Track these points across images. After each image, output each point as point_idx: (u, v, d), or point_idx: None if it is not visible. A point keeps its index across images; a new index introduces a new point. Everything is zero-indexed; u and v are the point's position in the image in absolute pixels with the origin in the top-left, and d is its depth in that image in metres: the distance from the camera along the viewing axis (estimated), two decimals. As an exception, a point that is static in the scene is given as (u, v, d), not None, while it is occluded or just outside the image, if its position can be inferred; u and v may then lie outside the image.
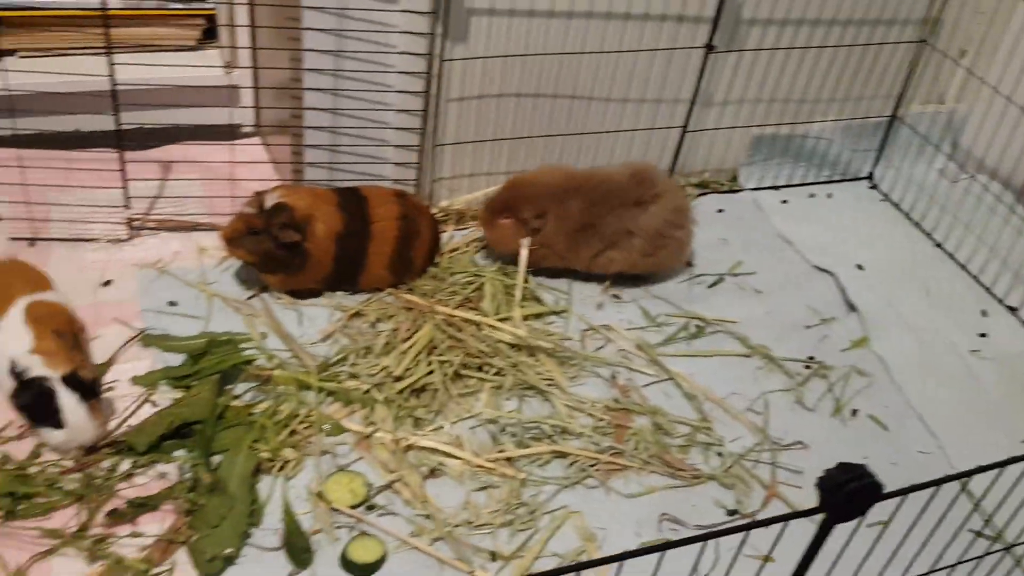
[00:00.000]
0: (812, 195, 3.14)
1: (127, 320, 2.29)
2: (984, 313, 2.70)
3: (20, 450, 1.95)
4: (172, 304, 2.36)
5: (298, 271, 2.36)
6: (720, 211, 2.97)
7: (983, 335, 2.62)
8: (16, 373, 1.88)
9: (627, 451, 2.13)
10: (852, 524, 1.13)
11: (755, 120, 3.01)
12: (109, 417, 2.02)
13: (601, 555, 1.90)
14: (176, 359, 2.19)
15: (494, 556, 1.88)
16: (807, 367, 2.43)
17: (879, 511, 1.31)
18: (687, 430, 2.21)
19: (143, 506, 1.85)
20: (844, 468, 1.04)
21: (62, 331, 1.98)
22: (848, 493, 1.03)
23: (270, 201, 2.30)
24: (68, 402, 1.86)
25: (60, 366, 1.88)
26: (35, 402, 1.85)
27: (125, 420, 2.04)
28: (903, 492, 1.14)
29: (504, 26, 2.49)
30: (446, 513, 1.95)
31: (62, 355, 1.91)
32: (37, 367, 1.87)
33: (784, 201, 3.07)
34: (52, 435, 1.88)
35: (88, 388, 1.89)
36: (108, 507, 1.85)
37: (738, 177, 3.10)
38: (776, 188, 3.12)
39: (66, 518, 1.83)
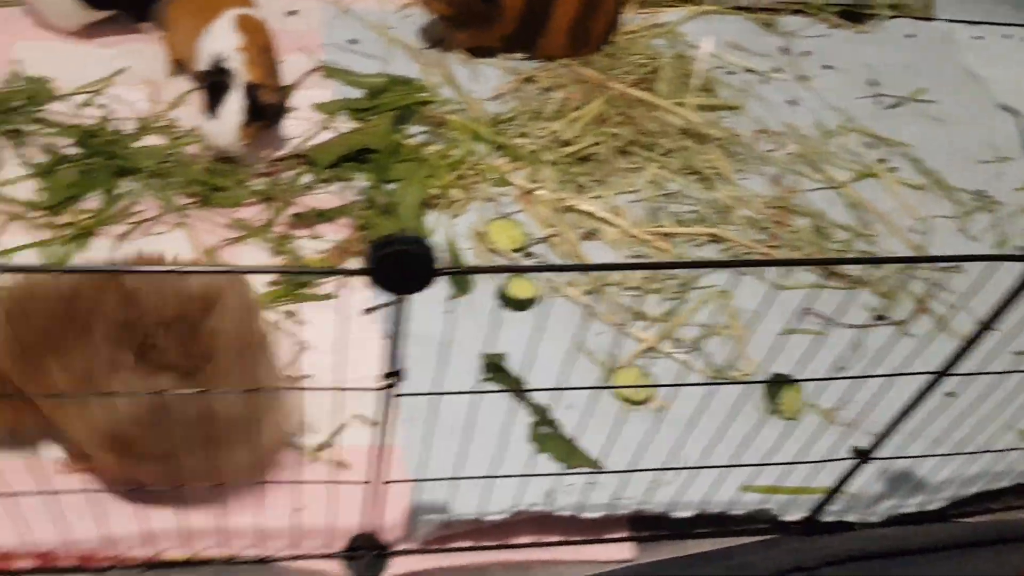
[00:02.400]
0: (1008, 36, 2.97)
1: (310, 51, 2.35)
2: None
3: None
4: (353, 42, 2.41)
5: (489, 25, 2.36)
6: (909, 36, 2.85)
7: None
8: (215, 63, 1.95)
9: (784, 244, 2.14)
10: None
11: (964, -56, 2.84)
12: (277, 144, 2.09)
13: (745, 335, 1.94)
14: (356, 93, 2.25)
15: (639, 316, 1.94)
16: (975, 200, 2.38)
17: None
18: (846, 236, 2.20)
19: (322, 216, 1.95)
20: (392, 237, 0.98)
21: (265, 48, 2.03)
22: (393, 257, 0.97)
23: (466, -48, 2.28)
24: (233, 104, 1.91)
25: (253, 74, 1.94)
26: (212, 83, 1.93)
27: (306, 140, 2.13)
28: (458, 271, 0.98)
29: None
30: (598, 271, 2.01)
31: (260, 67, 1.97)
32: (235, 63, 1.93)
33: (978, 37, 2.92)
34: (202, 122, 1.96)
35: (262, 109, 1.94)
36: (291, 211, 1.96)
37: (934, 5, 2.95)
38: (972, 23, 2.96)
39: (254, 213, 1.95)
